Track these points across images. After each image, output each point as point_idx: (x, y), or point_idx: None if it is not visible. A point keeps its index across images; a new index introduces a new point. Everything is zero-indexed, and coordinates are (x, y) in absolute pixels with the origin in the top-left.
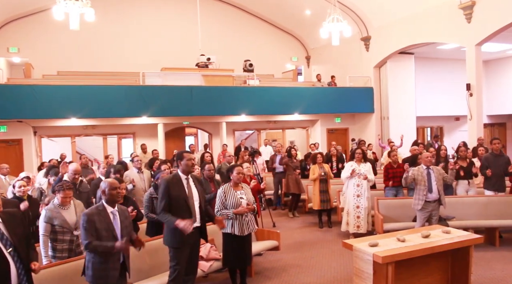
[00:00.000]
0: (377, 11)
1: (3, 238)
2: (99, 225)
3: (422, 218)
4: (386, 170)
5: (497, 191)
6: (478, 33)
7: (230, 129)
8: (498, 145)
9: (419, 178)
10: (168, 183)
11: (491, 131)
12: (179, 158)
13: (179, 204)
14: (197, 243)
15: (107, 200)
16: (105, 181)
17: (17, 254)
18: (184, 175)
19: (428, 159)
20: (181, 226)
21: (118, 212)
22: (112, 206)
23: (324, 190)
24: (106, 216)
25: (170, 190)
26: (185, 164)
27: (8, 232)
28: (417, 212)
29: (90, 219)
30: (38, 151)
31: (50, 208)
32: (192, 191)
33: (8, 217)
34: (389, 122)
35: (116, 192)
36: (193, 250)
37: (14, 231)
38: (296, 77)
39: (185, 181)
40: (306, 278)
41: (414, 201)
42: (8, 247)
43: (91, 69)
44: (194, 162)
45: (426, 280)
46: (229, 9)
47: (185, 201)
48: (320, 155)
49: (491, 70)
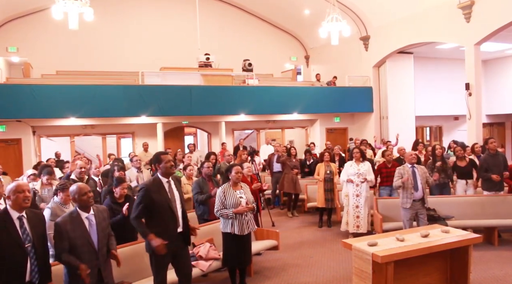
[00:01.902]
0: (376, 10)
1: (25, 232)
2: (72, 234)
3: (408, 217)
4: (379, 169)
5: (496, 190)
6: (477, 32)
7: (229, 129)
8: (495, 144)
9: (405, 177)
10: (149, 189)
11: (490, 130)
12: (157, 161)
13: (163, 210)
14: (184, 249)
15: (80, 206)
16: (74, 186)
17: (34, 250)
18: (164, 178)
19: (411, 157)
20: (153, 246)
21: (95, 215)
22: (86, 211)
23: (329, 189)
24: (81, 223)
25: (152, 196)
26: (164, 167)
27: (30, 228)
28: (403, 212)
29: (61, 229)
30: (37, 150)
31: (53, 206)
32: (174, 194)
33: (32, 215)
34: (388, 122)
35: (87, 197)
36: (181, 255)
37: (35, 229)
38: (295, 77)
39: (167, 185)
40: (305, 277)
41: (402, 200)
42: (27, 242)
43: (90, 68)
44: (172, 163)
45: (425, 279)
46: (228, 8)
47: (169, 206)
48: (328, 153)
49: (490, 70)
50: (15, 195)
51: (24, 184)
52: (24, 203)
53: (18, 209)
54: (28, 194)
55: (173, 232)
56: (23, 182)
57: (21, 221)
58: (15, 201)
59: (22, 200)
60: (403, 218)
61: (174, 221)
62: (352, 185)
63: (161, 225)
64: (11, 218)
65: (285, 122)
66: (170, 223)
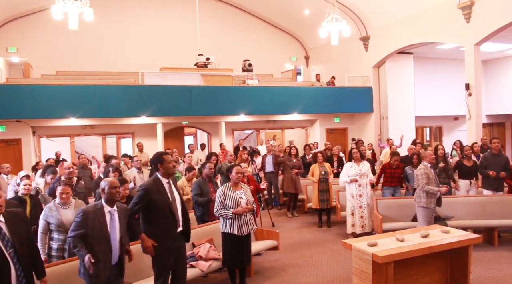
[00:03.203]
0: (376, 11)
1: (4, 238)
2: (91, 224)
3: (429, 216)
4: (384, 169)
5: (495, 190)
6: (477, 33)
7: (229, 129)
8: (498, 145)
9: (430, 176)
10: (148, 190)
11: (490, 130)
12: (159, 161)
13: (163, 211)
14: (182, 249)
15: (106, 199)
16: (106, 180)
17: (17, 256)
18: (165, 179)
19: (432, 157)
20: (144, 245)
21: (117, 211)
22: (110, 205)
23: (324, 190)
24: (102, 216)
25: (152, 197)
26: (165, 167)
27: (9, 233)
28: (423, 212)
29: (85, 216)
30: (37, 151)
31: (49, 206)
32: (174, 194)
33: (10, 217)
34: (388, 122)
35: (115, 191)
36: (179, 255)
37: (16, 232)
38: (295, 77)
39: (167, 186)
40: (305, 277)
41: (426, 200)
42: (8, 248)
43: (90, 69)
44: (174, 164)
45: (425, 279)
46: (228, 8)
47: (169, 207)
48: (321, 154)
49: (490, 70)
50: None
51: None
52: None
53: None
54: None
55: (174, 232)
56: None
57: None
58: None
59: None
60: (422, 218)
61: (174, 221)
62: (355, 186)
63: (161, 225)
64: None
65: (285, 122)
66: (170, 223)
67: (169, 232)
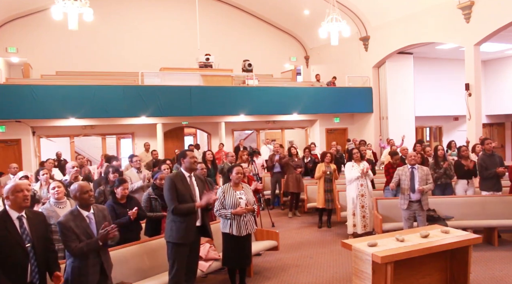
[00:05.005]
0: (376, 11)
1: (25, 232)
2: (77, 230)
3: (406, 217)
4: (387, 170)
5: (494, 191)
6: (477, 33)
7: (229, 129)
8: (491, 145)
9: (403, 177)
10: (173, 179)
11: (490, 131)
12: (182, 156)
13: (185, 201)
14: (197, 243)
15: (80, 205)
16: (75, 184)
17: (34, 251)
18: (187, 172)
19: (411, 158)
20: (198, 205)
21: (94, 214)
22: (86, 209)
23: (329, 190)
24: (83, 220)
25: (177, 185)
26: (188, 161)
27: (29, 229)
28: (402, 212)
29: (66, 227)
30: (37, 151)
31: (46, 207)
32: (195, 189)
33: (32, 215)
34: (388, 122)
35: (88, 196)
36: (193, 249)
37: (36, 229)
38: (295, 77)
39: (189, 179)
40: (305, 278)
41: (400, 201)
42: (27, 242)
43: (89, 69)
44: (197, 160)
45: (425, 280)
46: (228, 9)
47: (191, 197)
48: (330, 154)
49: (489, 70)
50: (14, 195)
51: (22, 183)
52: (23, 203)
53: (18, 209)
54: (27, 193)
55: (193, 223)
56: (21, 181)
57: (21, 221)
58: (14, 201)
59: (22, 200)
60: (402, 218)
61: (194, 214)
62: (357, 186)
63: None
64: (11, 218)
65: (285, 123)
66: (192, 215)
67: (189, 222)
